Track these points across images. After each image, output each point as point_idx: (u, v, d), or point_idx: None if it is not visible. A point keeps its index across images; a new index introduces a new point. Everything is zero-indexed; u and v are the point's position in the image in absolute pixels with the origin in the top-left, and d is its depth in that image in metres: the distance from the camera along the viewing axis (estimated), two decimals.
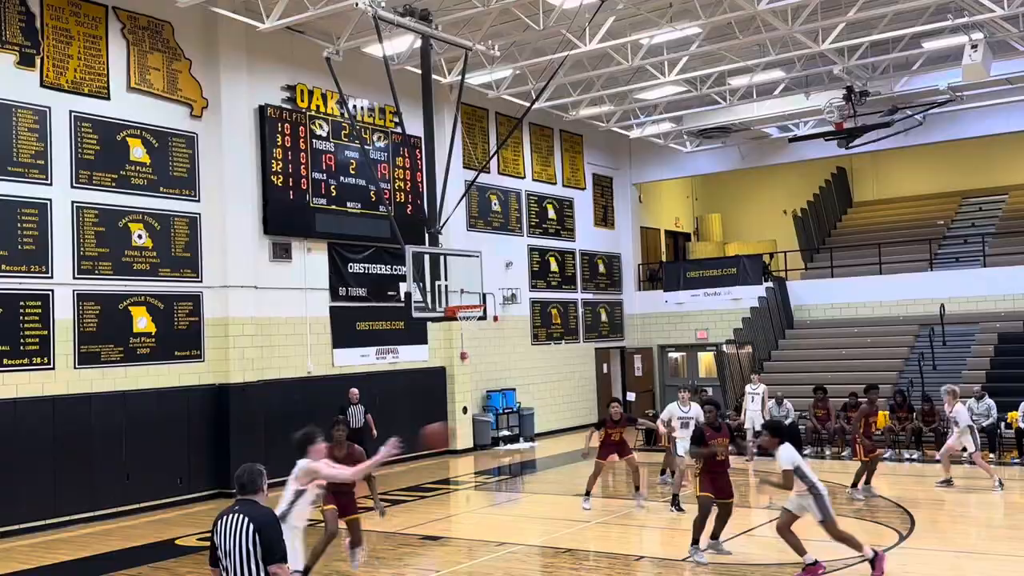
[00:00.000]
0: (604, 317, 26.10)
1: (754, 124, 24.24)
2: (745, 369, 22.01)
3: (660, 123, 24.36)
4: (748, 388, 18.81)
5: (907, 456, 17.33)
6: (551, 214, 24.36)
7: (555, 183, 24.60)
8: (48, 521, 13.25)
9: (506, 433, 21.08)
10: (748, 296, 24.24)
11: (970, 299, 22.09)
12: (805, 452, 17.73)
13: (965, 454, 14.39)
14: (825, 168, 28.54)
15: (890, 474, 15.95)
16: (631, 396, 24.24)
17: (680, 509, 12.49)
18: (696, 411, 13.69)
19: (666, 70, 19.30)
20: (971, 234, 24.77)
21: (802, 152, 25.07)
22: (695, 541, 10.08)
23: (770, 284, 24.49)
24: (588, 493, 13.12)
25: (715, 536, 10.35)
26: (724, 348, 22.83)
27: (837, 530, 9.19)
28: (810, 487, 9.21)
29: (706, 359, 25.61)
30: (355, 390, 16.32)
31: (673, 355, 26.75)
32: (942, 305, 21.66)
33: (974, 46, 17.07)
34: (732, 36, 17.58)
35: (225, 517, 5.45)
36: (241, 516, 5.38)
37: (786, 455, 9.26)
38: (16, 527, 12.89)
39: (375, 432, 16.17)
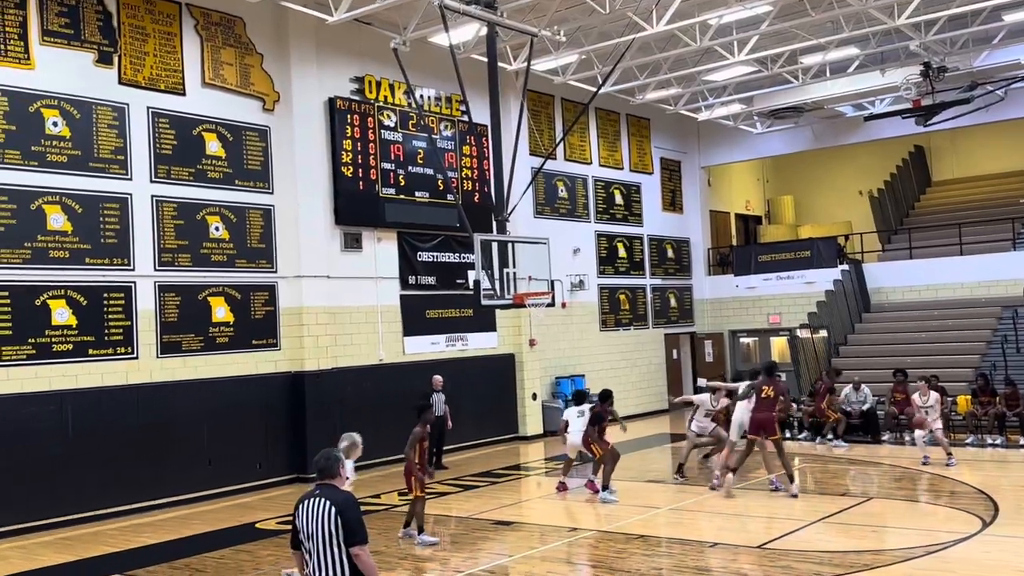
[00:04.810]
0: (673, 302, 25.87)
1: (827, 103, 23.70)
2: (820, 354, 21.62)
3: (729, 104, 23.99)
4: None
5: (990, 442, 16.82)
6: (618, 199, 24.21)
7: (622, 168, 24.43)
8: (134, 505, 13.72)
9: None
10: (822, 279, 23.78)
11: None
12: (884, 438, 17.47)
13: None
14: (902, 147, 27.79)
15: (972, 460, 15.53)
16: (701, 382, 24.00)
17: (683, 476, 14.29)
18: (724, 403, 14.66)
19: (735, 50, 18.98)
20: None
21: (878, 131, 24.43)
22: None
23: (845, 267, 23.99)
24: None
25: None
26: (798, 333, 22.46)
27: None
28: None
29: (779, 344, 25.22)
30: (439, 377, 16.47)
31: (745, 340, 26.40)
32: None
33: None
34: (804, 13, 17.19)
35: (306, 501, 5.56)
36: (323, 500, 5.48)
37: None
38: (103, 511, 13.37)
39: (450, 424, 16.34)
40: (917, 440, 15.33)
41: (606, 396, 13.69)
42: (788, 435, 18.74)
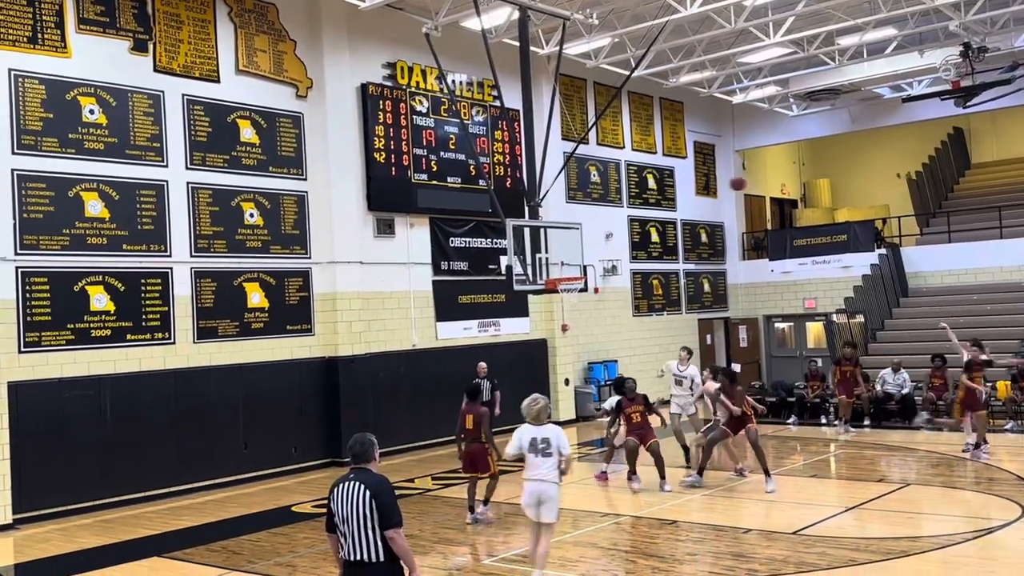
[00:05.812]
0: (707, 287, 25.70)
1: (865, 85, 23.35)
2: (857, 339, 21.37)
3: (764, 87, 23.69)
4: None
5: None
6: (651, 184, 24.05)
7: (655, 152, 24.26)
8: (172, 488, 13.92)
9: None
10: (859, 264, 23.51)
11: None
12: (919, 423, 17.24)
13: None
14: (941, 129, 27.34)
15: (1012, 446, 15.31)
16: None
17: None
18: (692, 372, 14.82)
19: (771, 31, 18.73)
20: None
21: (916, 113, 24.05)
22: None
23: (883, 251, 23.68)
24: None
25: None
26: (834, 317, 22.22)
27: None
28: None
29: (815, 329, 25.00)
30: (483, 364, 16.41)
31: (780, 325, 26.18)
32: None
33: None
34: None
35: (341, 485, 5.59)
36: (357, 483, 5.51)
37: None
38: (142, 494, 13.59)
39: (498, 410, 16.29)
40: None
41: (619, 385, 13.40)
42: (824, 421, 18.61)
